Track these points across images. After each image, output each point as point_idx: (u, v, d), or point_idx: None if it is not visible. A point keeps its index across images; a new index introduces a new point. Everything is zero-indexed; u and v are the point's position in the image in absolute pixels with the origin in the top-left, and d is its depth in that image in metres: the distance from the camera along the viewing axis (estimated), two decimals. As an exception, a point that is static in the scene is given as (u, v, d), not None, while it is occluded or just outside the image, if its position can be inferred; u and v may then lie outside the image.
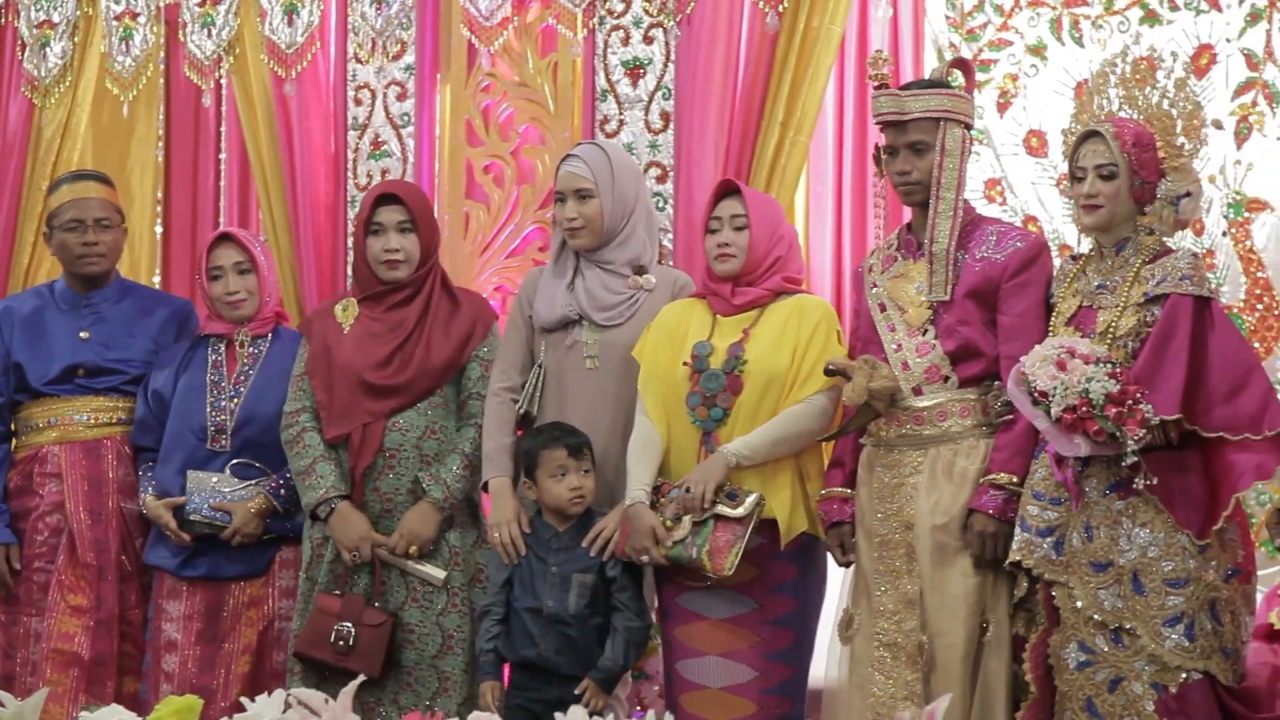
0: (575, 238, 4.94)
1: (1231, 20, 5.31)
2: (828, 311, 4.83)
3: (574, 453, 4.76)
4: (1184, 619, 4.17)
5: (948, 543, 4.43)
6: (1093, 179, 4.34)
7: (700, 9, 5.80)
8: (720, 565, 4.57)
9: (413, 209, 5.14)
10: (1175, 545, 4.19)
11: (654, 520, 4.63)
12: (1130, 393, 4.10)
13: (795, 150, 5.68)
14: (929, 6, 5.75)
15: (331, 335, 5.16)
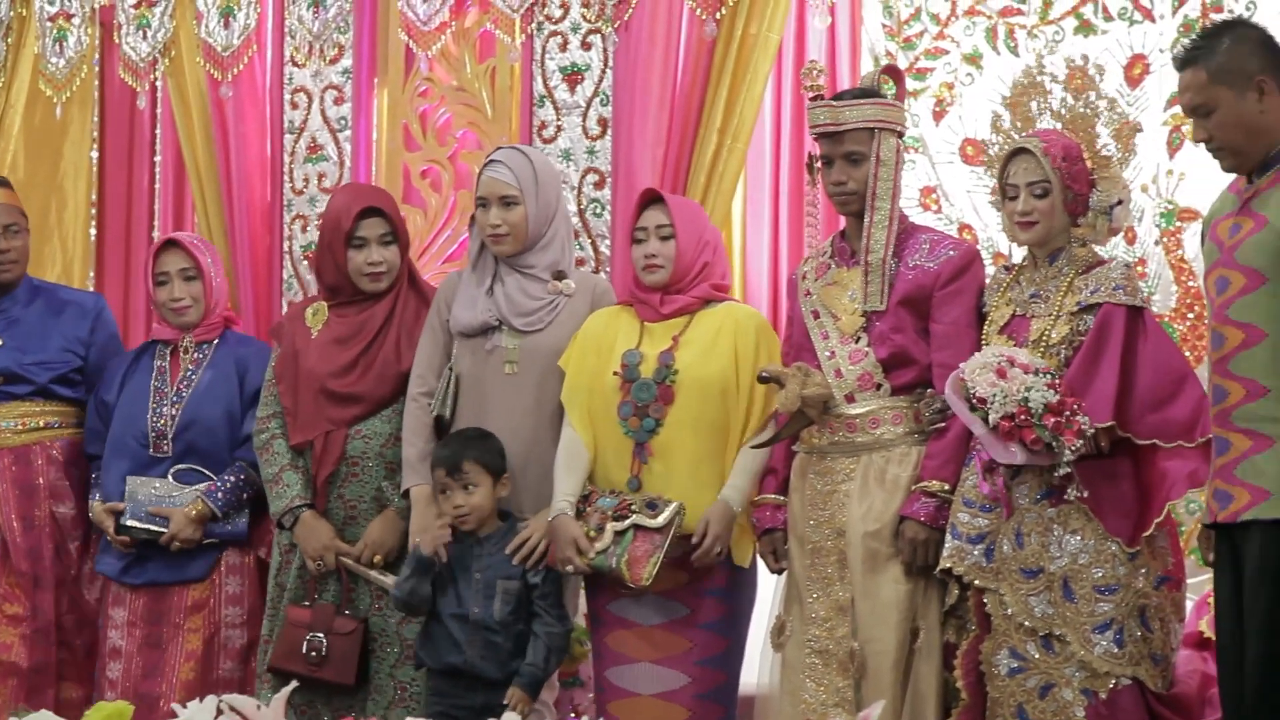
0: (499, 244, 4.92)
1: (1164, 31, 5.34)
2: (761, 321, 4.85)
3: (451, 472, 4.74)
4: (1113, 625, 4.19)
5: (880, 550, 4.44)
6: (1026, 196, 4.37)
7: (638, 15, 5.81)
8: (638, 575, 4.57)
9: (393, 220, 5.13)
10: (1105, 552, 4.21)
11: (577, 531, 4.63)
12: (1069, 404, 4.13)
13: (733, 157, 5.69)
14: (866, 15, 5.77)
15: (300, 340, 5.16)
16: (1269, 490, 3.93)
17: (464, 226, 6.14)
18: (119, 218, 6.69)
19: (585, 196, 5.90)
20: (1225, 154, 4.06)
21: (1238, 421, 4.00)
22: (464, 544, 4.80)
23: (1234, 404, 3.98)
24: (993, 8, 5.59)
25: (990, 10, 5.60)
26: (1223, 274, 4.05)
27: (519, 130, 6.04)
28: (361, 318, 5.11)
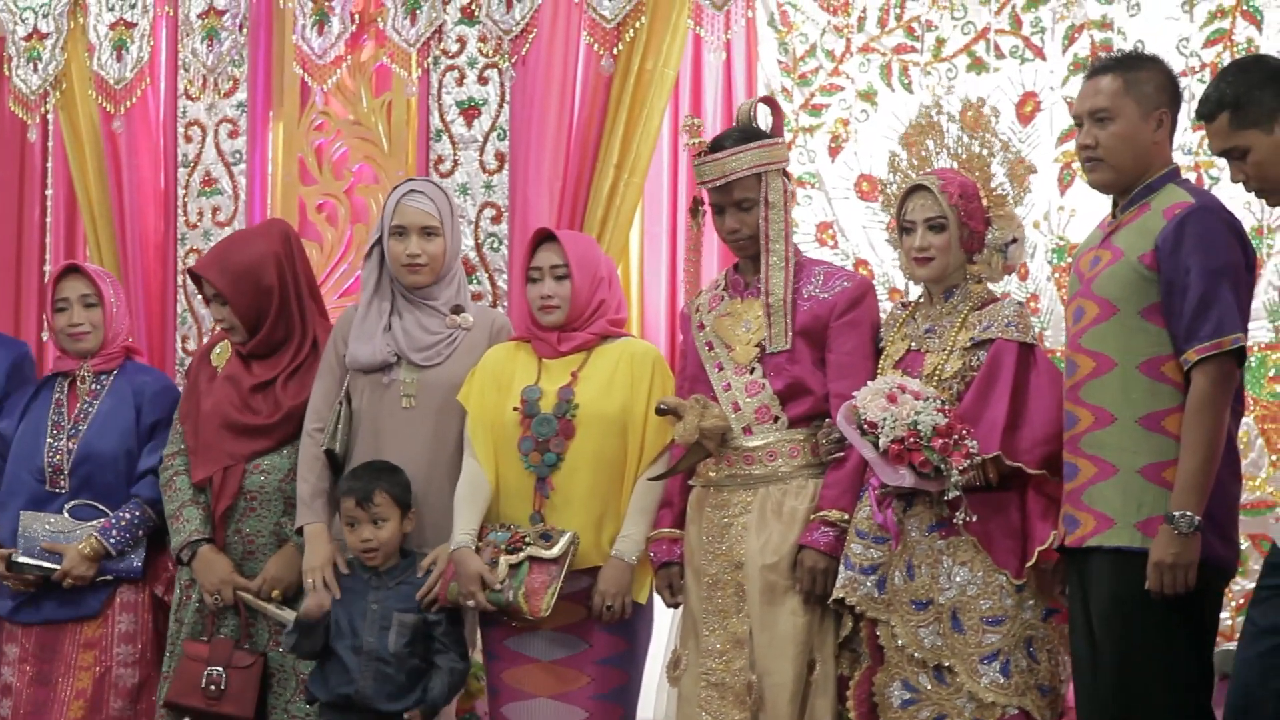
0: (416, 274, 4.89)
1: (1055, 69, 5.40)
2: (657, 356, 4.86)
3: (362, 503, 4.72)
4: (1000, 656, 4.22)
5: (777, 582, 4.45)
6: (923, 232, 4.41)
7: (535, 50, 5.82)
8: (537, 606, 4.56)
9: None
10: (993, 584, 4.24)
11: (480, 565, 4.62)
12: (957, 427, 4.17)
13: (629, 191, 5.71)
14: (761, 51, 5.81)
15: (204, 378, 5.13)
16: (1113, 518, 4.00)
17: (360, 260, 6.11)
18: (9, 251, 6.62)
19: (482, 231, 5.90)
20: (1102, 167, 4.13)
21: (1086, 448, 4.07)
22: (361, 576, 4.78)
23: (1083, 430, 4.06)
24: (887, 45, 5.64)
25: (884, 47, 5.65)
26: (1080, 304, 4.13)
27: (416, 164, 6.03)
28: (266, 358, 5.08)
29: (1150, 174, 4.11)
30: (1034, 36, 5.46)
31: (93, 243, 6.36)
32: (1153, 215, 4.05)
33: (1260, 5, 5.13)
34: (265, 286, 5.05)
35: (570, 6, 5.79)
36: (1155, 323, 4.02)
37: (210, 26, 6.35)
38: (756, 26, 5.80)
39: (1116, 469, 4.01)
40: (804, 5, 5.75)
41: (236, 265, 5.06)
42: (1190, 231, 3.97)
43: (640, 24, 5.68)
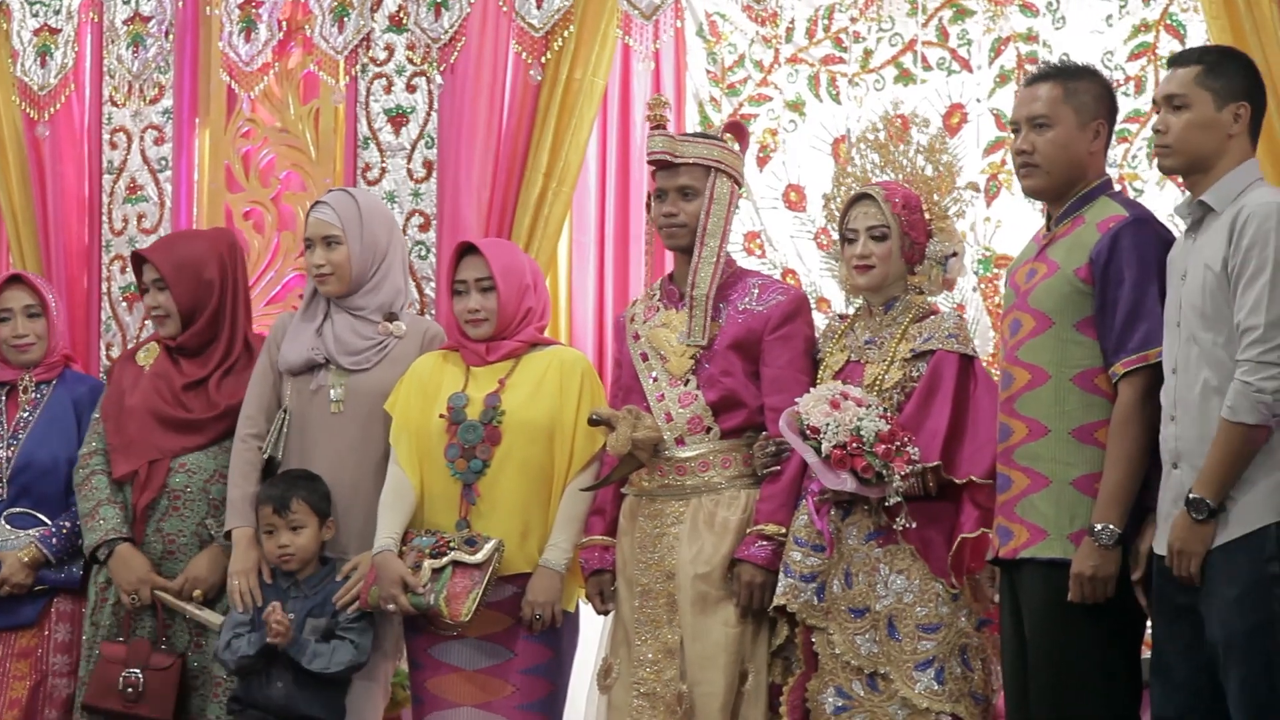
0: (324, 284, 4.92)
1: (982, 81, 5.44)
2: (587, 365, 4.87)
3: (279, 510, 4.72)
4: (935, 663, 4.25)
5: (709, 592, 4.46)
6: (865, 240, 4.43)
7: (464, 59, 5.81)
8: (458, 611, 4.56)
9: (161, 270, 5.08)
10: (930, 592, 4.27)
11: (402, 569, 4.61)
12: (899, 434, 4.20)
13: (558, 201, 5.70)
14: (690, 61, 5.82)
15: (129, 378, 5.12)
16: (1046, 530, 4.04)
17: (287, 268, 6.10)
18: (-67, 258, 6.55)
19: (410, 239, 5.88)
20: (1037, 173, 4.14)
21: (1019, 460, 4.11)
22: (281, 585, 4.78)
23: (1017, 442, 4.09)
24: (815, 56, 5.67)
25: (812, 58, 5.67)
26: (1016, 316, 4.16)
27: (343, 172, 6.01)
28: (194, 359, 5.05)
29: (1084, 184, 4.14)
30: (961, 49, 5.50)
31: (16, 251, 6.30)
32: (1087, 229, 4.08)
33: (1183, 19, 5.18)
34: (206, 280, 5.09)
35: (499, 15, 5.78)
36: (1089, 335, 4.06)
37: (136, 33, 6.30)
38: (685, 36, 5.82)
39: (1049, 480, 4.05)
40: (732, 15, 5.77)
41: (182, 254, 5.13)
42: (1123, 245, 4.01)
43: (569, 33, 5.68)
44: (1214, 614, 3.75)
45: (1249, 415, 3.70)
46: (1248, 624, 3.70)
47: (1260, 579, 3.71)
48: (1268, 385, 3.69)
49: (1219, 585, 3.74)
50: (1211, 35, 4.83)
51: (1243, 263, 3.75)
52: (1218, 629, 3.74)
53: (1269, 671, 3.70)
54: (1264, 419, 3.70)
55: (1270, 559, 3.71)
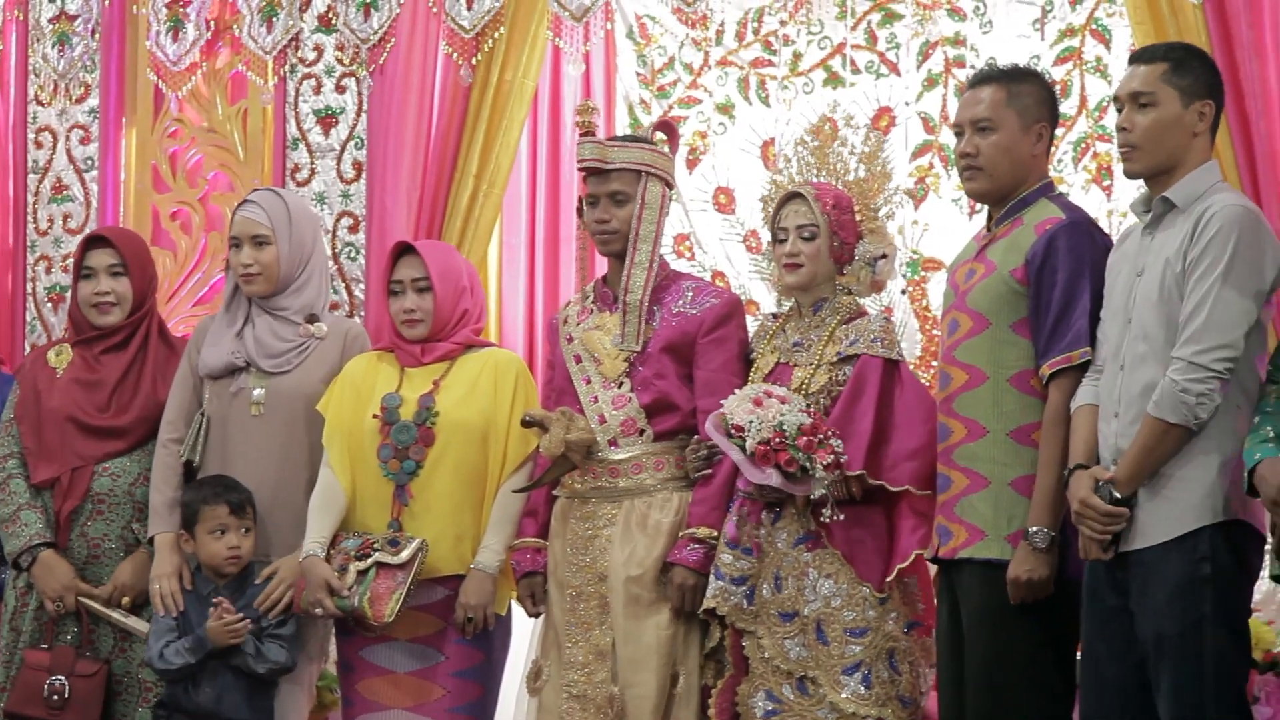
0: (250, 284, 4.87)
1: (910, 84, 5.48)
2: (521, 366, 4.85)
3: (235, 511, 4.70)
4: (862, 667, 4.26)
5: (641, 594, 4.46)
6: (794, 239, 4.44)
7: (393, 60, 5.80)
8: (380, 612, 4.55)
9: (124, 253, 5.02)
10: (857, 596, 4.29)
11: (328, 572, 4.60)
12: (821, 427, 4.21)
13: (489, 202, 5.71)
14: (620, 63, 5.84)
15: (43, 380, 5.03)
16: (984, 530, 4.06)
17: (215, 269, 6.06)
18: None
19: (340, 240, 5.87)
20: (980, 175, 4.16)
21: (958, 460, 4.13)
22: (200, 592, 4.75)
23: (955, 443, 4.11)
24: (744, 59, 5.70)
25: (742, 61, 5.70)
26: (955, 316, 4.17)
27: (272, 172, 5.99)
28: (109, 360, 5.00)
29: (1026, 187, 4.16)
30: (889, 52, 5.54)
31: (-61, 250, 6.25)
32: (1025, 230, 4.10)
33: (1109, 24, 5.23)
34: (152, 269, 5.11)
35: (429, 16, 5.77)
36: (1024, 336, 4.08)
37: (61, 31, 6.26)
38: (615, 39, 5.84)
39: (988, 481, 4.07)
40: (663, 18, 5.79)
41: (137, 242, 5.15)
42: (1059, 246, 4.03)
43: (499, 34, 5.68)
44: (1146, 614, 3.78)
45: (1171, 414, 3.73)
46: (1179, 625, 3.73)
47: (1192, 580, 3.74)
48: (1194, 387, 3.72)
49: (1151, 585, 3.77)
50: (1136, 40, 4.89)
51: (1198, 259, 3.76)
52: (1149, 629, 3.77)
53: (1199, 672, 3.73)
54: (1184, 420, 3.73)
55: (1202, 560, 3.74)
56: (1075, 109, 5.27)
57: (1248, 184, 4.66)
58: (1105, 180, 5.28)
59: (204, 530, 4.72)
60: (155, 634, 4.73)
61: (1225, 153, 4.67)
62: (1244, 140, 4.72)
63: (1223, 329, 3.73)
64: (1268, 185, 4.65)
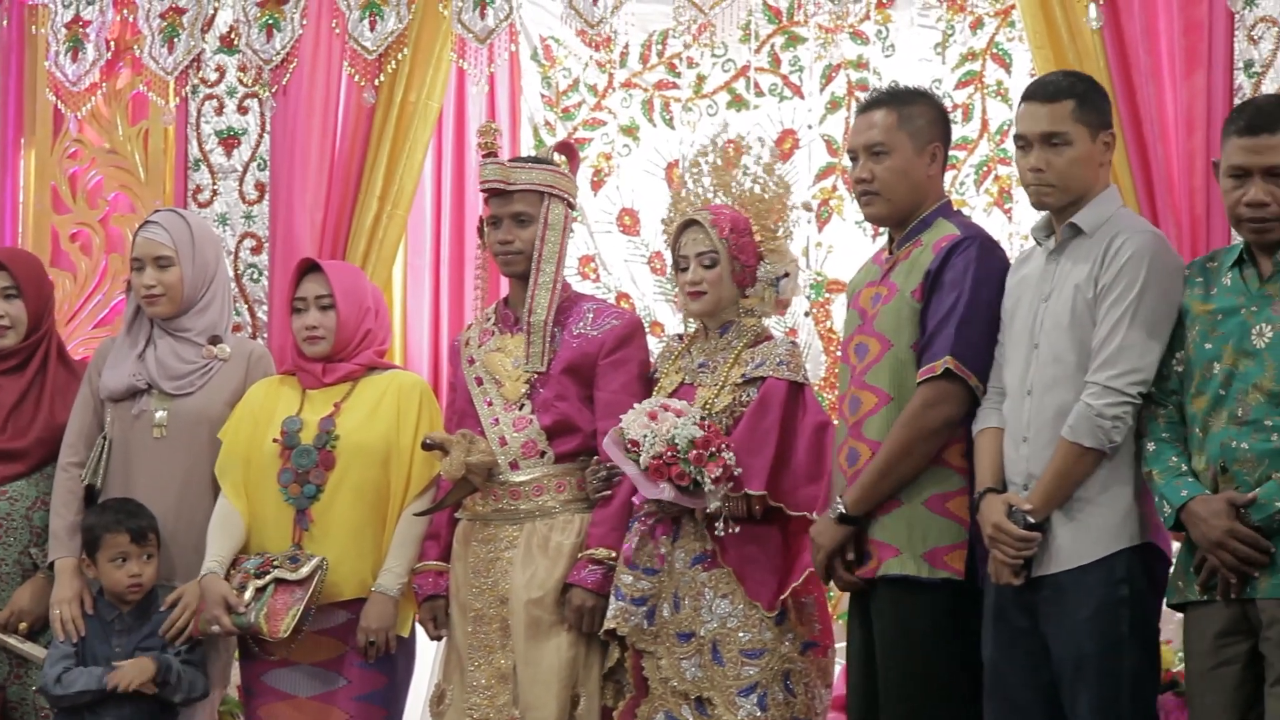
0: (153, 306, 4.84)
1: (813, 107, 5.51)
2: (424, 388, 4.84)
3: (137, 538, 4.65)
4: (758, 689, 4.27)
5: (542, 617, 4.45)
6: (695, 267, 4.44)
7: (296, 81, 5.77)
8: (276, 627, 4.53)
9: (17, 275, 4.96)
10: (753, 616, 4.29)
11: (226, 589, 4.57)
12: (714, 440, 4.21)
13: (393, 224, 5.69)
14: (525, 85, 5.84)
15: None
16: (897, 548, 4.06)
17: (115, 290, 6.00)
18: None
19: (242, 262, 5.83)
20: (878, 200, 4.17)
21: None
22: (103, 618, 4.70)
23: (865, 465, 4.11)
24: (649, 81, 5.71)
25: (646, 83, 5.72)
26: (862, 340, 4.18)
27: (173, 193, 5.95)
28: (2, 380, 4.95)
29: (924, 208, 4.18)
30: (792, 75, 5.57)
31: None
32: (924, 251, 4.12)
33: (1009, 49, 5.28)
34: (49, 290, 5.06)
35: (331, 37, 5.75)
36: None
37: (-41, 52, 6.19)
38: (520, 60, 5.84)
39: (901, 501, 4.07)
40: (567, 40, 5.80)
41: (32, 263, 5.10)
42: (951, 261, 4.05)
43: (403, 56, 5.67)
44: (1062, 635, 3.80)
45: (1086, 438, 3.76)
46: (1099, 646, 3.76)
47: (1111, 602, 3.77)
48: (1109, 411, 3.75)
49: (1069, 607, 3.79)
50: (1036, 65, 4.94)
51: (1111, 285, 3.79)
52: (1067, 650, 3.79)
53: (1118, 692, 3.76)
54: (1099, 444, 3.76)
55: (1120, 582, 3.77)
56: (977, 132, 5.32)
57: (1145, 208, 4.71)
58: (1007, 203, 5.33)
59: (105, 557, 4.67)
60: (51, 659, 4.68)
61: (1123, 177, 4.73)
62: (1142, 164, 4.78)
63: (1137, 354, 3.76)
64: (1165, 209, 4.70)
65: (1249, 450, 3.67)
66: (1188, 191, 4.68)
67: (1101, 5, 4.81)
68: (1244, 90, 4.66)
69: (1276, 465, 3.62)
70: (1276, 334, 3.67)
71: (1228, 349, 3.73)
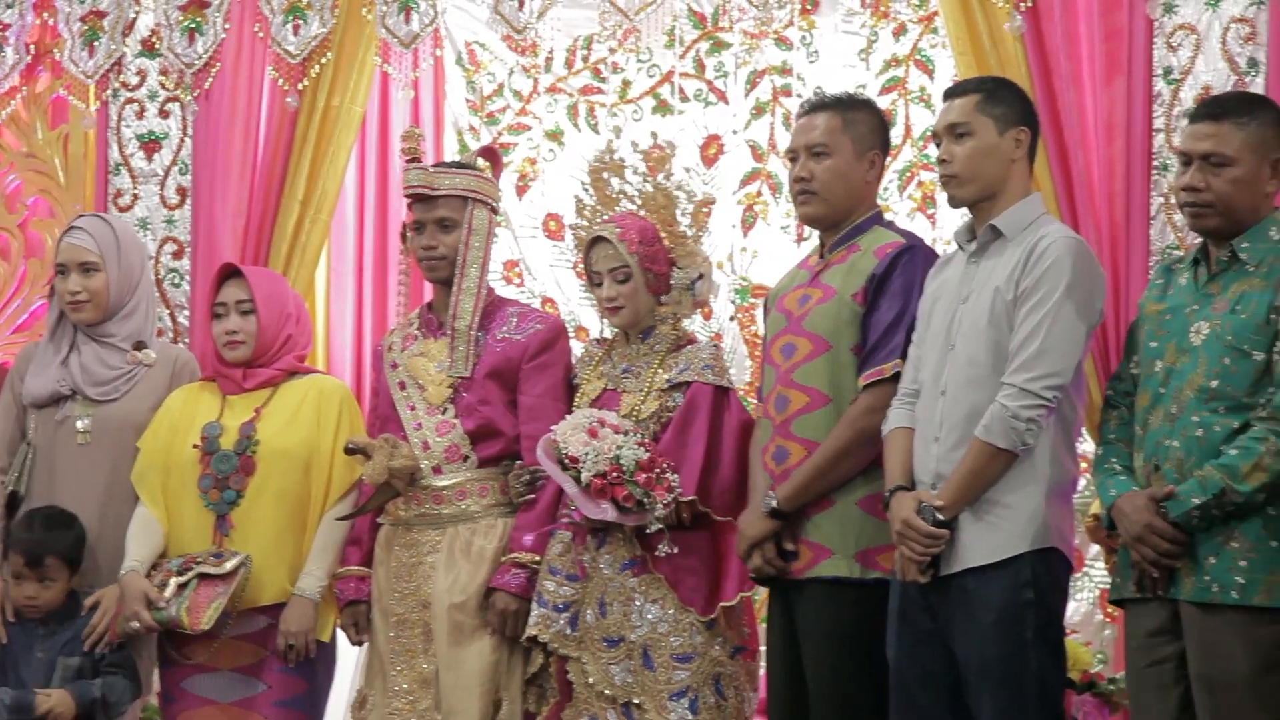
0: (78, 312, 4.82)
1: (738, 113, 5.52)
2: (346, 393, 4.84)
3: (32, 563, 4.62)
4: (689, 693, 4.27)
5: (465, 621, 4.44)
6: (609, 282, 4.45)
7: (218, 85, 5.73)
8: (197, 620, 4.51)
9: None
10: (684, 621, 4.29)
11: (147, 585, 4.56)
12: (659, 462, 4.22)
13: (316, 228, 5.65)
14: (449, 90, 5.82)
15: None
16: (830, 549, 4.08)
17: (35, 296, 5.95)
18: None
19: (164, 266, 5.78)
20: (815, 200, 4.20)
21: None
22: (27, 624, 4.67)
23: (795, 464, 4.13)
24: (574, 86, 5.71)
25: (571, 88, 5.71)
26: (790, 340, 4.19)
27: (94, 198, 5.89)
28: None
29: (858, 214, 4.21)
30: (717, 81, 5.58)
31: None
32: (864, 255, 4.15)
33: (932, 55, 5.31)
34: None
35: (254, 41, 5.71)
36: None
37: (-126, 54, 6.11)
38: (445, 65, 5.82)
39: (833, 501, 4.10)
40: (492, 45, 5.78)
41: None
42: (898, 268, 4.10)
43: (326, 60, 5.63)
44: (967, 638, 3.82)
45: (1001, 439, 3.78)
46: (1003, 649, 3.78)
47: (1016, 604, 3.79)
48: (1024, 413, 3.77)
49: (974, 610, 3.81)
50: (959, 71, 4.96)
51: (1032, 289, 3.82)
52: (972, 652, 3.81)
53: (1023, 694, 3.78)
54: (1013, 445, 3.78)
55: (1024, 585, 3.79)
56: (900, 138, 5.34)
57: (1067, 213, 4.74)
58: (930, 208, 5.35)
59: (9, 572, 4.66)
60: None
61: (1045, 182, 4.75)
62: (1062, 170, 4.80)
63: (1054, 358, 3.79)
64: (1085, 215, 4.73)
65: (1179, 447, 3.71)
66: (1108, 196, 4.72)
67: (1023, 12, 4.84)
68: (1163, 97, 4.70)
69: (1201, 462, 3.66)
70: (1212, 331, 3.71)
71: (1170, 347, 3.78)
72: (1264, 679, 3.60)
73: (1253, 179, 3.74)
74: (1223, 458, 3.63)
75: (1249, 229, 3.75)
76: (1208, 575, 3.65)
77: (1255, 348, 3.66)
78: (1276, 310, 3.66)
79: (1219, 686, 3.62)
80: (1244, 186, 3.74)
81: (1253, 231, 3.75)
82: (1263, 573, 3.62)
